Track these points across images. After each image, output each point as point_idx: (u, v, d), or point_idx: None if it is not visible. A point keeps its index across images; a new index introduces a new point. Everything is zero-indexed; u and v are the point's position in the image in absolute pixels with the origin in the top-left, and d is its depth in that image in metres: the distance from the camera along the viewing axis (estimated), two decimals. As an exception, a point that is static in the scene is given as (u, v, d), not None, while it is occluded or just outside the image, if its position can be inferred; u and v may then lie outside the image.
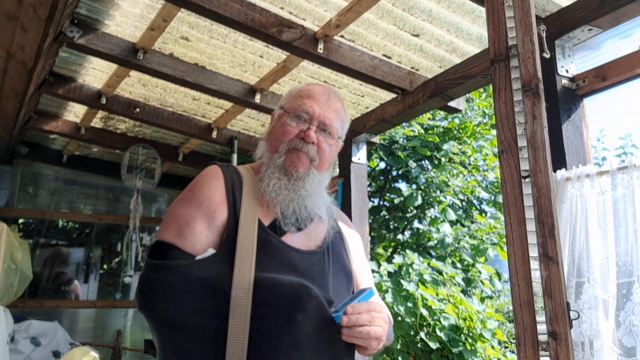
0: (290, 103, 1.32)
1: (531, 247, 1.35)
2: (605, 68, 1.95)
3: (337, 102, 1.33)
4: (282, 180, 1.22)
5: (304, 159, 1.26)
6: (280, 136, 1.27)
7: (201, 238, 1.13)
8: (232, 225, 1.15)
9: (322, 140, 1.28)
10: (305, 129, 1.26)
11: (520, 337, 1.32)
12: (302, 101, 1.29)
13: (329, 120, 1.29)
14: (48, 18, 2.15)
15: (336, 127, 1.31)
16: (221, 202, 1.18)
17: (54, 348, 3.88)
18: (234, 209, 1.18)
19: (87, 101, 3.46)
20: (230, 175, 1.26)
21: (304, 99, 1.29)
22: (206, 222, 1.15)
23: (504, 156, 1.44)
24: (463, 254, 6.71)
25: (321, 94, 1.31)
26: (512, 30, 1.47)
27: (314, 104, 1.28)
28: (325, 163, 1.30)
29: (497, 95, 1.48)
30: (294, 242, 1.21)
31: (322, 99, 1.30)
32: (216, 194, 1.19)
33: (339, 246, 1.32)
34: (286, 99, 1.35)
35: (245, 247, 1.11)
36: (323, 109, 1.28)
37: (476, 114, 7.60)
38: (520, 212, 1.38)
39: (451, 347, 4.22)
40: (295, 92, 1.35)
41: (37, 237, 5.00)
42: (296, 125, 1.27)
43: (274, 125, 1.33)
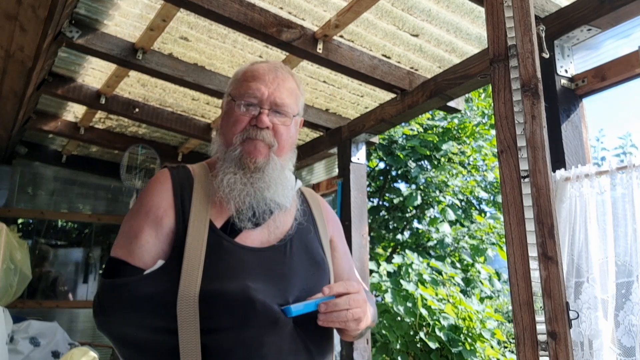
0: (236, 89, 1.21)
1: (530, 247, 1.35)
2: (604, 68, 1.95)
3: (286, 78, 1.22)
4: (237, 174, 1.13)
5: (261, 147, 1.16)
6: (232, 127, 1.17)
7: (149, 249, 1.07)
8: (181, 231, 1.07)
9: (278, 123, 1.18)
10: (256, 114, 1.16)
11: (519, 337, 1.32)
12: (248, 85, 1.18)
13: (281, 99, 1.18)
14: (47, 18, 2.15)
15: (290, 105, 1.20)
16: (168, 207, 1.11)
17: (53, 348, 3.88)
18: (182, 214, 1.10)
19: (86, 101, 3.46)
20: (180, 176, 1.18)
21: (249, 82, 1.18)
22: (154, 231, 1.08)
23: (503, 156, 1.45)
24: (462, 254, 6.71)
25: (267, 72, 1.20)
26: (511, 30, 1.48)
27: (260, 85, 1.17)
28: (285, 146, 1.21)
29: (497, 95, 1.48)
30: (251, 239, 1.13)
31: (269, 78, 1.19)
32: (163, 199, 1.12)
33: (307, 234, 1.23)
34: (232, 85, 1.24)
35: (193, 256, 1.04)
36: (272, 88, 1.18)
37: (475, 114, 7.60)
38: (520, 212, 1.38)
39: (450, 347, 4.22)
40: (240, 76, 1.23)
41: (36, 237, 5.00)
42: (246, 112, 1.17)
43: (224, 116, 1.23)
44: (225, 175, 1.14)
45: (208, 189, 1.16)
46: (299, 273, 1.14)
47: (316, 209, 1.32)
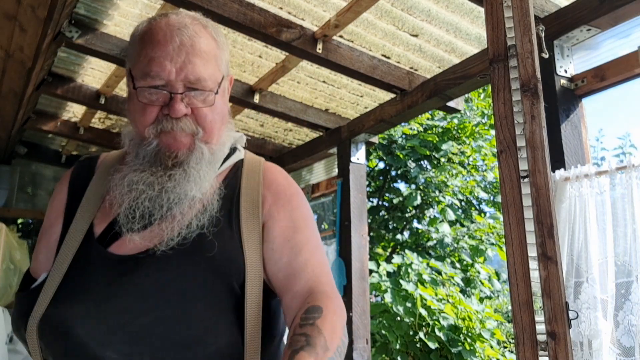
0: (135, 64, 0.94)
1: (530, 247, 1.35)
2: (604, 68, 1.95)
3: (195, 38, 0.93)
4: (145, 172, 0.92)
5: (182, 137, 0.93)
6: (140, 117, 0.93)
7: (42, 260, 0.98)
8: (62, 240, 0.95)
9: (198, 104, 0.93)
10: (167, 101, 0.91)
11: (519, 337, 1.32)
12: (148, 61, 0.90)
13: (195, 73, 0.91)
14: (47, 18, 2.15)
15: (209, 76, 0.93)
16: (58, 212, 1.00)
17: (52, 348, 3.88)
18: (69, 217, 0.97)
19: (85, 101, 3.45)
20: (81, 173, 1.05)
21: (149, 55, 0.91)
22: (45, 240, 0.99)
23: (502, 156, 1.45)
24: (462, 253, 6.72)
25: (169, 37, 0.91)
26: (510, 30, 1.48)
27: (164, 60, 0.90)
28: (213, 129, 0.96)
29: (496, 96, 1.48)
30: (133, 244, 0.90)
31: (173, 47, 0.90)
32: (57, 203, 1.01)
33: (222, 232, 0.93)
34: (130, 55, 0.98)
35: (56, 272, 0.89)
36: (179, 61, 0.90)
37: (475, 114, 7.61)
38: (519, 212, 1.38)
39: (450, 347, 4.23)
40: (136, 43, 0.95)
41: (35, 237, 5.00)
42: (154, 98, 0.91)
43: (128, 98, 0.98)
44: (129, 172, 0.94)
45: (103, 185, 1.00)
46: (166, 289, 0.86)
47: (249, 185, 1.01)
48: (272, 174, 1.05)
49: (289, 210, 1.00)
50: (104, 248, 0.91)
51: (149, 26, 0.95)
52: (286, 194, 1.02)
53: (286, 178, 1.07)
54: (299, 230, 0.98)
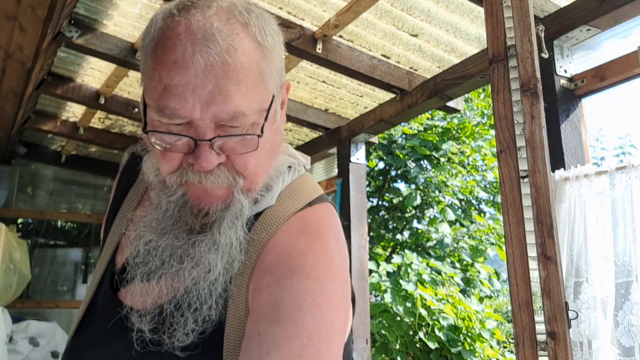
0: (147, 83, 0.67)
1: (530, 246, 1.35)
2: (603, 68, 1.95)
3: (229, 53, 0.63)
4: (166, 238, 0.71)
5: (215, 190, 0.69)
6: (159, 164, 0.71)
7: None
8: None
9: (236, 148, 0.67)
10: (192, 147, 0.65)
11: (518, 337, 1.32)
12: (162, 90, 0.63)
13: (228, 108, 0.63)
14: (46, 18, 2.15)
15: (251, 106, 0.65)
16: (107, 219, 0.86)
17: (52, 348, 3.88)
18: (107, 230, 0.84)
19: (85, 101, 3.45)
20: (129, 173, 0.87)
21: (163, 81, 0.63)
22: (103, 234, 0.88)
23: (502, 156, 1.45)
24: (462, 253, 6.72)
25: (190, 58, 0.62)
26: (510, 30, 1.48)
27: (183, 91, 0.62)
28: (258, 174, 0.72)
29: (496, 96, 1.48)
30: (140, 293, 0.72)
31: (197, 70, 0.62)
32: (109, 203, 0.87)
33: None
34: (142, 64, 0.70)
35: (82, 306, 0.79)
36: (205, 91, 0.62)
37: (475, 114, 7.61)
38: (519, 212, 1.38)
39: (450, 347, 4.23)
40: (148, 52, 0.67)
41: (35, 237, 5.00)
42: (173, 144, 0.66)
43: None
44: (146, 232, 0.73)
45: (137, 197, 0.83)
46: None
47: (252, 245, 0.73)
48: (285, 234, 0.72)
49: (276, 292, 0.65)
50: (113, 293, 0.76)
51: (164, 31, 0.65)
52: (282, 268, 0.67)
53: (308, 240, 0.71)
54: (280, 321, 0.62)
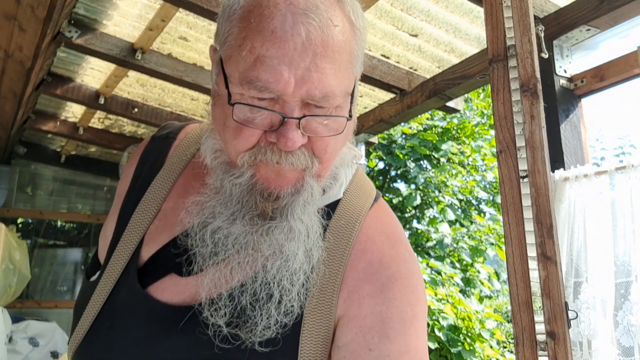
0: (231, 52, 0.63)
1: (529, 247, 1.35)
2: (603, 68, 1.95)
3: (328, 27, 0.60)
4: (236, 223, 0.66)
5: (288, 173, 0.65)
6: (233, 142, 0.64)
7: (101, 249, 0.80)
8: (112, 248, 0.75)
9: (321, 131, 0.63)
10: (276, 124, 0.61)
11: (518, 337, 1.32)
12: (253, 60, 0.59)
13: (322, 86, 0.60)
14: (46, 18, 2.15)
15: (341, 87, 0.62)
16: (117, 206, 0.79)
17: (52, 348, 3.88)
18: (125, 221, 0.76)
19: (85, 101, 3.45)
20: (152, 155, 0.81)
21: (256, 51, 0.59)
22: (104, 231, 0.81)
23: (502, 156, 1.45)
24: (462, 253, 6.72)
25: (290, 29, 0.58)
26: (510, 30, 1.48)
27: (280, 64, 0.58)
28: (332, 160, 0.68)
29: (496, 96, 1.48)
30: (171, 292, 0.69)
31: (296, 43, 0.58)
32: (119, 190, 0.81)
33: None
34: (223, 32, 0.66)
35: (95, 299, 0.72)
36: (302, 66, 0.58)
37: (475, 114, 7.62)
38: (519, 212, 1.38)
39: (450, 347, 4.23)
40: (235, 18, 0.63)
41: (35, 237, 5.00)
42: (257, 119, 0.62)
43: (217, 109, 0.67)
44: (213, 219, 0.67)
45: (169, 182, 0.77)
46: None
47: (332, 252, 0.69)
48: (369, 237, 0.71)
49: (379, 303, 0.65)
50: (141, 288, 0.69)
51: (264, 13, 0.60)
52: (381, 277, 0.67)
53: (393, 245, 0.71)
54: (391, 335, 0.63)
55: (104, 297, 0.71)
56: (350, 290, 0.66)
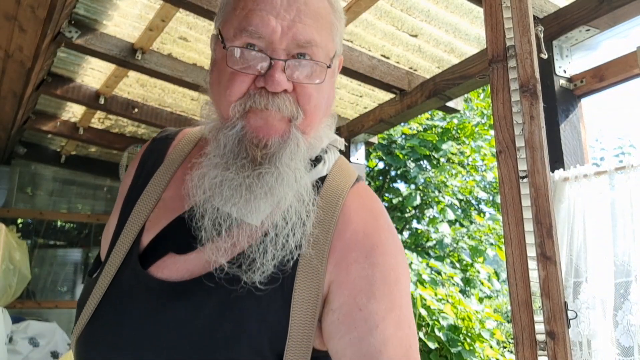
0: (228, 20, 0.75)
1: (529, 247, 1.36)
2: (602, 68, 1.95)
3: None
4: (230, 171, 0.71)
5: (275, 120, 0.72)
6: (226, 89, 0.72)
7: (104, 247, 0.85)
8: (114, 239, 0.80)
9: (303, 78, 0.72)
10: (264, 68, 0.70)
11: (518, 337, 1.33)
12: (246, 13, 0.71)
13: (306, 33, 0.71)
14: (46, 18, 2.15)
15: (323, 42, 0.73)
16: (119, 201, 0.86)
17: (52, 348, 3.88)
18: (127, 214, 0.81)
19: (85, 101, 3.45)
20: (153, 155, 0.87)
21: (248, 7, 0.72)
22: (107, 227, 0.87)
23: (502, 156, 1.45)
24: (462, 253, 6.72)
25: None
26: (510, 30, 1.48)
27: (268, 14, 0.70)
28: (315, 115, 0.76)
29: (495, 96, 1.48)
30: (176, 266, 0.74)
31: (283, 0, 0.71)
32: (122, 188, 0.87)
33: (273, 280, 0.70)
34: (221, 13, 0.78)
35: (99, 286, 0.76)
36: (287, 17, 0.70)
37: (474, 114, 7.62)
38: (518, 212, 1.38)
39: (450, 347, 4.23)
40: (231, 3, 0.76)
41: (35, 237, 5.00)
42: (246, 64, 0.71)
43: (213, 70, 0.78)
44: (210, 169, 0.73)
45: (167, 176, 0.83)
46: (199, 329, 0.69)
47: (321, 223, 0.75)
48: (353, 210, 0.77)
49: (365, 268, 0.72)
50: (143, 269, 0.74)
51: None
52: (365, 245, 0.73)
53: (375, 217, 0.78)
54: (377, 295, 0.70)
55: (107, 282, 0.76)
56: (338, 257, 0.73)
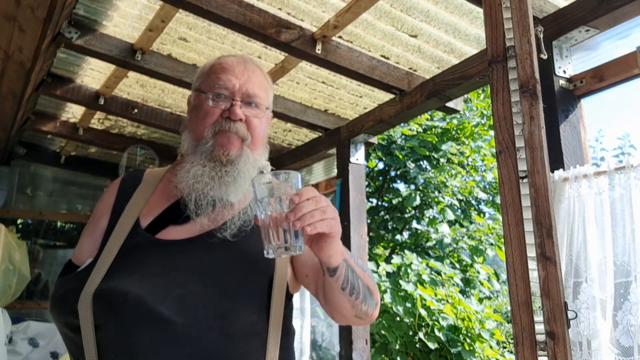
0: (205, 82, 1.19)
1: (529, 247, 1.36)
2: (602, 69, 1.95)
3: (255, 70, 1.21)
4: (206, 167, 1.11)
5: (234, 139, 1.13)
6: (202, 120, 1.14)
7: (85, 249, 1.13)
8: (109, 231, 1.11)
9: (250, 115, 1.16)
10: (228, 106, 1.14)
11: (518, 337, 1.33)
12: (217, 77, 1.16)
13: (252, 90, 1.16)
14: (46, 19, 2.15)
15: (261, 97, 1.19)
16: (106, 210, 1.17)
17: (52, 349, 3.88)
18: (117, 215, 1.14)
19: (85, 102, 3.45)
20: (128, 181, 1.23)
21: (219, 74, 1.17)
22: (91, 232, 1.15)
23: (501, 157, 1.45)
24: (461, 254, 6.72)
25: (236, 64, 1.19)
26: (509, 31, 1.48)
27: (231, 76, 1.16)
28: (258, 139, 1.18)
29: (495, 96, 1.48)
30: (177, 233, 1.10)
31: (239, 70, 1.18)
32: (105, 204, 1.18)
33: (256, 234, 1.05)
34: (199, 79, 1.22)
35: (106, 255, 1.06)
36: (242, 79, 1.16)
37: (474, 114, 7.62)
38: (518, 212, 1.38)
39: (450, 347, 4.23)
40: (207, 69, 1.21)
41: (35, 237, 5.00)
42: (217, 104, 1.14)
43: (192, 111, 1.21)
44: (193, 166, 1.11)
45: (149, 188, 1.20)
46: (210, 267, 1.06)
47: None
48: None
49: None
50: (152, 235, 1.09)
51: (220, 59, 1.22)
52: None
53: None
54: None
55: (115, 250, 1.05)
56: None
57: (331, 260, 1.00)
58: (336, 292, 1.05)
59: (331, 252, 0.99)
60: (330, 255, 0.99)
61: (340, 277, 1.03)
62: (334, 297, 1.06)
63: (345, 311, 1.08)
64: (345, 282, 1.04)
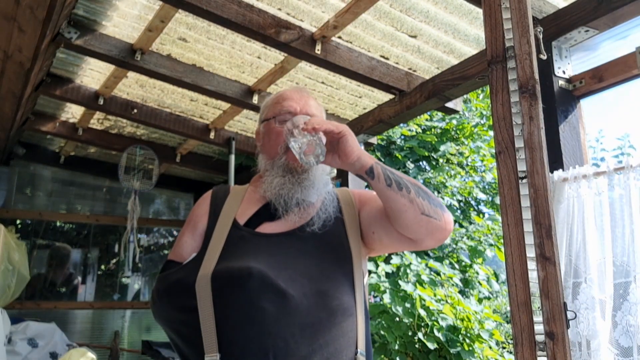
0: (270, 111, 1.40)
1: (528, 247, 1.36)
2: (602, 69, 1.95)
3: (310, 97, 1.43)
4: (286, 177, 1.30)
5: None
6: (274, 141, 1.34)
7: (186, 247, 1.30)
8: (211, 230, 1.29)
9: None
10: None
11: (517, 338, 1.33)
12: (281, 105, 1.37)
13: (311, 111, 1.37)
14: (45, 19, 2.15)
15: (318, 116, 1.39)
16: (204, 214, 1.35)
17: (51, 349, 3.87)
18: (214, 217, 1.32)
19: (84, 102, 3.45)
20: (219, 191, 1.43)
21: (281, 102, 1.38)
22: (191, 233, 1.33)
23: (501, 157, 1.45)
24: (461, 254, 6.72)
25: (295, 92, 1.41)
26: (509, 31, 1.48)
27: (291, 102, 1.37)
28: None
29: (494, 97, 1.48)
30: (271, 228, 1.29)
31: (297, 96, 1.39)
32: (201, 209, 1.37)
33: (334, 228, 1.33)
34: (264, 112, 1.44)
35: (214, 246, 1.23)
36: (301, 104, 1.37)
37: (474, 114, 7.62)
38: (517, 212, 1.38)
39: (449, 347, 4.23)
40: (270, 102, 1.43)
41: (34, 238, 4.99)
42: (284, 125, 1.32)
43: (264, 138, 1.40)
44: (274, 178, 1.31)
45: (239, 197, 1.39)
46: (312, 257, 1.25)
47: (345, 202, 1.42)
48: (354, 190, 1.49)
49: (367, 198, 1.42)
50: (252, 229, 1.27)
51: (280, 92, 1.44)
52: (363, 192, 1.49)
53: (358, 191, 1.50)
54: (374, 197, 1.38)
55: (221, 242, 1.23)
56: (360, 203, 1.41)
57: (362, 161, 1.19)
58: (388, 195, 1.19)
59: (354, 150, 1.19)
60: (358, 155, 1.19)
61: (379, 175, 1.19)
62: (388, 201, 1.20)
63: (408, 211, 1.18)
64: (387, 179, 1.19)
